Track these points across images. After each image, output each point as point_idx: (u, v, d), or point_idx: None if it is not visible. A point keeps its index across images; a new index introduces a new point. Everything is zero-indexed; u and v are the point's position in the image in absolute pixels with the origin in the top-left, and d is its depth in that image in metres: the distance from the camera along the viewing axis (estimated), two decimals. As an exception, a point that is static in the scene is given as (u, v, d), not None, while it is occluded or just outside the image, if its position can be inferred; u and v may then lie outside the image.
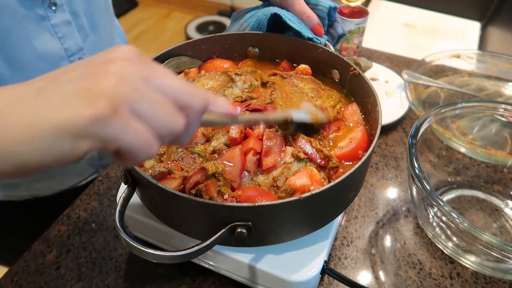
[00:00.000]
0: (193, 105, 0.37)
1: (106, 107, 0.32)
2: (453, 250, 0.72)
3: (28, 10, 0.68)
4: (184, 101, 0.37)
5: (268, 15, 0.71)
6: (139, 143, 0.34)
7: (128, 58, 0.35)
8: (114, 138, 0.33)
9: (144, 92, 0.34)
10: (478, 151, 0.87)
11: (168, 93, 0.36)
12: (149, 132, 0.35)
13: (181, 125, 0.37)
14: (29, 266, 0.71)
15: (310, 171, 0.55)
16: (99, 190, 0.84)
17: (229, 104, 0.43)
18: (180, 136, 0.37)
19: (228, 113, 0.43)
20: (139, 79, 0.34)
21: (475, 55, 1.16)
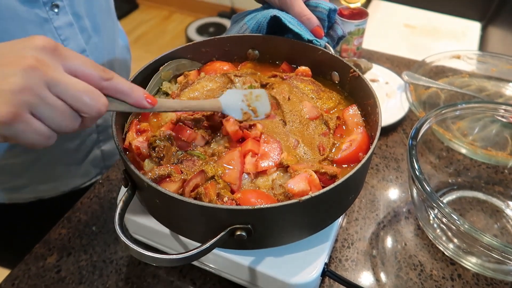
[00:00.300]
0: (87, 112, 0.43)
1: (8, 113, 0.37)
2: (454, 251, 0.72)
3: (30, 13, 0.68)
4: (80, 108, 0.43)
5: (267, 17, 0.71)
6: (37, 138, 0.41)
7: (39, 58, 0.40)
8: (14, 137, 0.40)
9: (44, 98, 0.40)
10: (479, 152, 0.87)
11: (67, 99, 0.42)
12: (47, 129, 0.41)
13: (76, 126, 0.44)
14: (30, 269, 0.71)
15: (309, 176, 0.54)
16: (100, 193, 0.84)
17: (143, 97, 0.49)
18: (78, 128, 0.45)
19: (139, 105, 0.49)
20: (41, 86, 0.39)
21: (475, 55, 1.16)
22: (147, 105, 0.49)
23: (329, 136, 0.63)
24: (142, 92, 0.49)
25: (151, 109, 0.51)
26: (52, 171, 0.90)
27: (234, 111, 0.60)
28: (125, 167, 0.54)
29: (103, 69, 0.46)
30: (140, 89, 0.49)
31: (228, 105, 0.59)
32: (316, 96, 0.69)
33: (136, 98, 0.48)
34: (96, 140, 0.94)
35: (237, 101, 0.61)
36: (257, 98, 0.62)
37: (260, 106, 0.62)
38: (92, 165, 0.97)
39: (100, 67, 0.46)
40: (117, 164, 0.91)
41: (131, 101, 0.48)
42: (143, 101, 0.49)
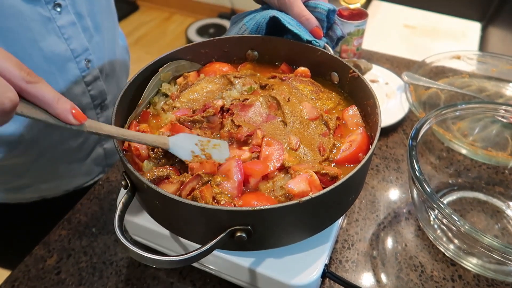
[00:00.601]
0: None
1: None
2: (454, 252, 0.71)
3: (33, 11, 0.69)
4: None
5: (267, 18, 0.71)
6: None
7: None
8: None
9: None
10: (479, 153, 0.86)
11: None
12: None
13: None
14: (30, 271, 0.71)
15: (310, 176, 0.54)
16: (100, 194, 0.84)
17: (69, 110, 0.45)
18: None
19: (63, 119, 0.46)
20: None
21: (476, 56, 1.16)
22: (72, 120, 0.46)
23: (329, 136, 0.62)
24: (70, 106, 0.46)
25: (77, 127, 0.47)
26: (55, 170, 0.90)
27: (182, 151, 0.57)
28: (124, 168, 0.54)
29: (29, 72, 0.44)
30: (68, 102, 0.46)
31: (177, 144, 0.56)
32: (315, 97, 0.69)
33: (60, 110, 0.45)
34: (98, 139, 0.94)
35: (188, 144, 0.57)
36: (214, 146, 0.59)
37: (217, 153, 0.58)
38: (94, 163, 0.97)
39: (27, 69, 0.44)
40: (117, 165, 0.91)
41: (54, 112, 0.45)
42: (68, 115, 0.45)
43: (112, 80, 0.93)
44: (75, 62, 0.78)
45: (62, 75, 0.76)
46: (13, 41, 0.68)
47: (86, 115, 0.47)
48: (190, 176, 0.54)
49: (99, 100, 0.88)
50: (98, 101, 0.88)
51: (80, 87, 0.81)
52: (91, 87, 0.84)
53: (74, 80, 0.79)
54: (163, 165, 0.57)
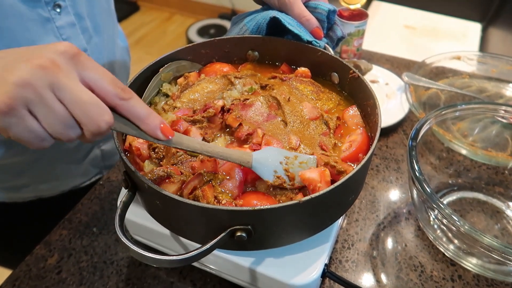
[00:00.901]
0: (86, 124, 0.42)
1: (3, 103, 0.38)
2: (454, 252, 0.72)
3: (32, 12, 0.69)
4: (79, 118, 0.41)
5: (267, 18, 0.72)
6: (28, 136, 0.41)
7: (54, 60, 0.40)
8: (6, 129, 0.40)
9: (44, 98, 0.39)
10: (479, 153, 0.87)
11: (69, 106, 0.41)
12: (42, 130, 0.41)
13: (72, 135, 0.42)
14: (31, 270, 0.71)
15: (324, 170, 0.55)
16: (100, 194, 0.84)
17: (158, 127, 0.46)
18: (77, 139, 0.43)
19: (152, 135, 0.46)
20: (44, 86, 0.39)
21: (476, 56, 1.16)
22: (160, 136, 0.46)
23: (329, 135, 0.63)
24: (159, 122, 0.46)
25: (165, 142, 0.47)
26: (53, 170, 0.90)
27: (265, 170, 0.54)
28: (125, 168, 0.54)
29: (123, 88, 0.44)
30: (157, 117, 0.46)
31: (260, 162, 0.54)
32: (315, 97, 0.69)
33: (150, 126, 0.46)
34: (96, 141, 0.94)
35: (273, 161, 0.55)
36: (300, 164, 0.56)
37: (299, 172, 0.55)
38: (91, 164, 0.97)
39: (121, 85, 0.44)
40: (117, 165, 0.91)
41: (144, 128, 0.46)
42: (157, 131, 0.46)
43: None
44: None
45: None
46: (10, 40, 0.68)
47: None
48: (191, 175, 0.55)
49: None
50: None
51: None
52: None
53: None
54: (164, 165, 0.57)
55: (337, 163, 0.56)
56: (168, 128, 0.47)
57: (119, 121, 0.45)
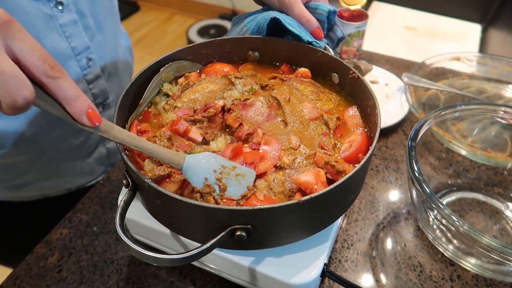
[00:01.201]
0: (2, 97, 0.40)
1: None
2: (453, 252, 0.72)
3: (36, 8, 0.70)
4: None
5: (267, 19, 0.72)
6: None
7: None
8: None
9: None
10: (478, 154, 0.87)
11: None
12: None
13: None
14: (31, 269, 0.71)
15: (318, 171, 0.55)
16: (101, 193, 0.84)
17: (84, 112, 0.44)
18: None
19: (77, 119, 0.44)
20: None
21: (475, 57, 1.17)
22: (85, 121, 0.44)
23: (329, 136, 0.63)
24: (87, 106, 0.44)
25: (92, 129, 0.46)
26: (57, 168, 0.90)
27: (195, 176, 0.52)
28: (125, 167, 0.55)
29: (53, 66, 0.42)
30: (85, 102, 0.44)
31: (192, 167, 0.52)
32: (315, 98, 0.70)
33: (76, 110, 0.44)
34: (101, 138, 0.94)
35: (206, 168, 0.52)
36: (236, 176, 0.54)
37: (235, 186, 0.53)
38: (97, 162, 0.97)
39: (52, 61, 0.42)
40: (118, 165, 0.91)
41: (70, 111, 0.44)
42: (82, 115, 0.44)
43: (115, 79, 0.93)
44: (76, 60, 0.79)
45: None
46: None
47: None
48: None
49: (101, 99, 0.88)
50: (100, 100, 0.88)
51: (82, 85, 0.82)
52: (93, 86, 0.85)
53: (75, 78, 0.80)
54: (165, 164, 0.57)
55: (337, 162, 0.57)
56: (97, 114, 0.45)
57: (44, 100, 0.43)
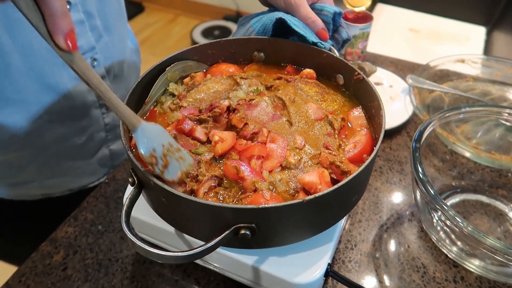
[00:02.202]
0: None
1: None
2: (457, 254, 0.72)
3: None
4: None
5: (273, 20, 0.72)
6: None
7: None
8: None
9: None
10: (483, 156, 0.87)
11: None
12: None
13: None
14: (37, 266, 0.72)
15: (322, 171, 0.55)
16: (106, 192, 0.85)
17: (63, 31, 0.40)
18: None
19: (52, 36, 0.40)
20: None
21: (480, 60, 1.17)
22: (61, 42, 0.41)
23: (334, 136, 0.63)
24: (69, 28, 0.41)
25: (64, 55, 0.42)
26: (59, 166, 0.90)
27: (145, 143, 0.51)
28: (131, 165, 0.55)
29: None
30: (69, 23, 0.41)
31: (145, 133, 0.51)
32: (320, 98, 0.70)
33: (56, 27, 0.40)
34: (104, 139, 0.95)
35: (156, 139, 0.52)
36: (179, 159, 0.54)
37: (175, 168, 0.54)
38: (100, 164, 0.98)
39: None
40: (123, 164, 0.92)
41: (49, 24, 0.40)
42: (59, 35, 0.40)
43: (120, 81, 0.94)
44: None
45: (67, 70, 0.78)
46: (19, 33, 0.69)
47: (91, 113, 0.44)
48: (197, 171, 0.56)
49: None
50: None
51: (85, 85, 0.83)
52: None
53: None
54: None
55: (342, 163, 0.57)
56: (75, 41, 0.41)
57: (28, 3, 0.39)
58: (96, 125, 0.90)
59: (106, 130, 0.94)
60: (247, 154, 0.58)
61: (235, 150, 0.59)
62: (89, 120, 0.87)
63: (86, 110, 0.85)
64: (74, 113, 0.84)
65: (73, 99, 0.81)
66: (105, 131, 0.94)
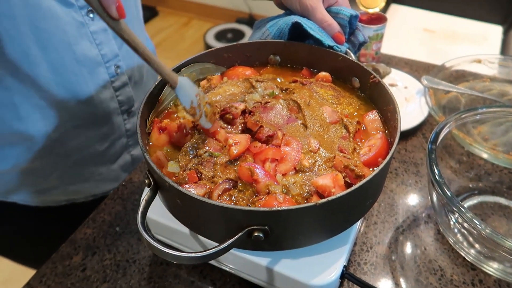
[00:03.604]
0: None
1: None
2: (475, 256, 0.71)
3: (68, 15, 0.72)
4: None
5: (289, 23, 0.73)
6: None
7: None
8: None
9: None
10: (501, 157, 0.86)
11: None
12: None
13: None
14: (57, 267, 0.74)
15: (336, 175, 0.55)
16: (123, 194, 0.86)
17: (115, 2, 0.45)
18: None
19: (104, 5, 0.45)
20: None
21: (497, 59, 1.15)
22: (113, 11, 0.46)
23: (349, 139, 0.63)
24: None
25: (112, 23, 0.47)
26: (81, 172, 0.92)
27: (185, 97, 0.56)
28: (147, 167, 0.56)
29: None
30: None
31: (183, 87, 0.56)
32: (336, 102, 0.70)
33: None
34: (125, 145, 0.97)
35: (192, 92, 0.57)
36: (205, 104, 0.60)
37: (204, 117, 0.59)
38: (122, 169, 0.99)
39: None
40: (139, 166, 0.93)
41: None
42: (112, 4, 0.45)
43: (140, 87, 0.96)
44: (105, 67, 0.81)
45: (92, 78, 0.79)
46: (48, 41, 0.71)
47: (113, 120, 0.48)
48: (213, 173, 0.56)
49: (126, 106, 0.91)
50: (126, 107, 0.90)
51: (109, 92, 0.84)
52: (119, 93, 0.87)
53: (103, 84, 0.82)
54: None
55: (356, 166, 0.57)
56: (123, 9, 0.47)
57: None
58: (118, 131, 0.92)
59: (127, 136, 0.95)
60: (261, 157, 0.58)
61: (250, 153, 0.60)
62: (111, 126, 0.89)
63: (108, 117, 0.87)
64: (96, 120, 0.86)
65: (96, 106, 0.83)
66: (126, 137, 0.95)
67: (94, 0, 0.45)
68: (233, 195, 0.56)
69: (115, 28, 0.48)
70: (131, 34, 0.50)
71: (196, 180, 0.57)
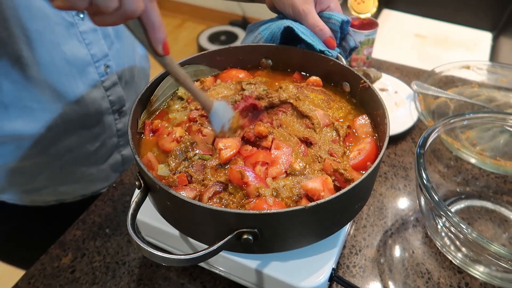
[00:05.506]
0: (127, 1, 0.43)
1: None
2: (461, 260, 0.72)
3: (58, 16, 0.72)
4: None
5: (281, 28, 0.73)
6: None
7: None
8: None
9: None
10: (488, 162, 0.87)
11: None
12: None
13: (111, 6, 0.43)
14: (46, 269, 0.73)
15: (325, 178, 0.56)
16: (113, 196, 0.86)
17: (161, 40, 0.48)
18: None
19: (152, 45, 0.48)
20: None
21: (485, 66, 1.17)
22: (160, 49, 0.49)
23: (339, 143, 0.64)
24: (164, 36, 0.49)
25: (159, 58, 0.51)
26: (71, 173, 0.92)
27: (217, 122, 0.60)
28: (138, 169, 0.56)
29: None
30: (164, 32, 0.49)
31: (217, 113, 0.59)
32: (326, 106, 0.71)
33: (157, 36, 0.48)
34: (116, 145, 0.96)
35: (226, 115, 0.61)
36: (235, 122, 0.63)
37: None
38: (112, 169, 0.99)
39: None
40: (130, 168, 0.93)
41: (152, 36, 0.48)
42: (159, 44, 0.49)
43: (131, 87, 0.96)
44: (95, 67, 0.81)
45: (82, 78, 0.79)
46: (37, 42, 0.71)
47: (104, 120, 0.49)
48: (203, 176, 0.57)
49: (118, 106, 0.91)
50: (117, 107, 0.90)
51: (100, 92, 0.84)
52: (110, 93, 0.87)
53: (93, 84, 0.82)
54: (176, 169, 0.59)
55: (346, 170, 0.58)
56: (168, 47, 0.50)
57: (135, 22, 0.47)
58: (109, 131, 0.92)
59: (118, 135, 0.95)
60: (252, 160, 0.59)
61: (240, 156, 0.60)
62: (102, 126, 0.89)
63: (99, 117, 0.87)
64: (88, 120, 0.85)
65: (87, 106, 0.83)
66: (117, 137, 0.95)
67: (144, 39, 0.49)
68: (224, 198, 0.56)
69: (160, 61, 0.52)
70: (174, 67, 0.54)
71: (186, 182, 0.57)
